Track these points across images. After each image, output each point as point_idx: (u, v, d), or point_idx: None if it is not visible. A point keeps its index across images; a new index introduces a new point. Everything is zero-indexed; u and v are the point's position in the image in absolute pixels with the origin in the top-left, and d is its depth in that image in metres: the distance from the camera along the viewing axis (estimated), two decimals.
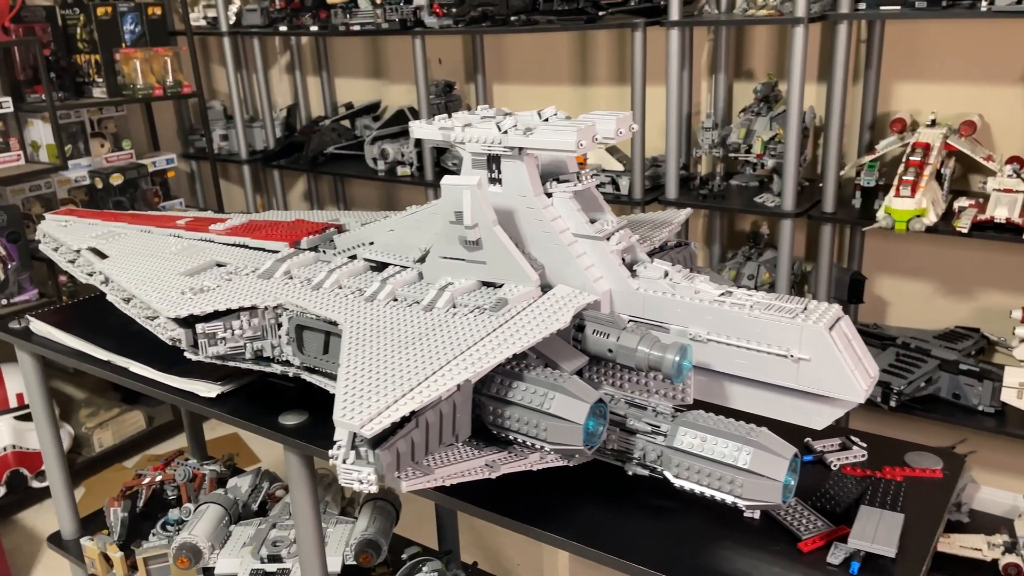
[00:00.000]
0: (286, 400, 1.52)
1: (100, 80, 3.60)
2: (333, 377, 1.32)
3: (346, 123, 4.10)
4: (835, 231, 2.71)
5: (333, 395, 1.44)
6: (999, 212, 2.31)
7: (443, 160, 3.54)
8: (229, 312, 1.31)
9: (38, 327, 1.89)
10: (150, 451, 3.86)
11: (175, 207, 4.01)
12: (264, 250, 1.55)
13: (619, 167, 3.23)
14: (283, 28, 3.70)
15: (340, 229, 1.60)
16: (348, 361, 1.05)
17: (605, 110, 1.21)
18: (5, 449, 3.29)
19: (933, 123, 2.60)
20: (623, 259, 1.18)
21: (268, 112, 4.05)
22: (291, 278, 1.41)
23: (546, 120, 1.24)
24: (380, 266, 1.39)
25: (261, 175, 4.44)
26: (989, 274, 2.78)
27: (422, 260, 1.31)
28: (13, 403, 3.37)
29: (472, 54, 3.66)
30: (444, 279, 1.23)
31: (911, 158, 2.40)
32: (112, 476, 3.63)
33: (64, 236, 1.79)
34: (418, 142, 3.53)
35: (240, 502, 1.96)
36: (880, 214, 2.39)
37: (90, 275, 1.69)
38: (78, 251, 1.69)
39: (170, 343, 1.39)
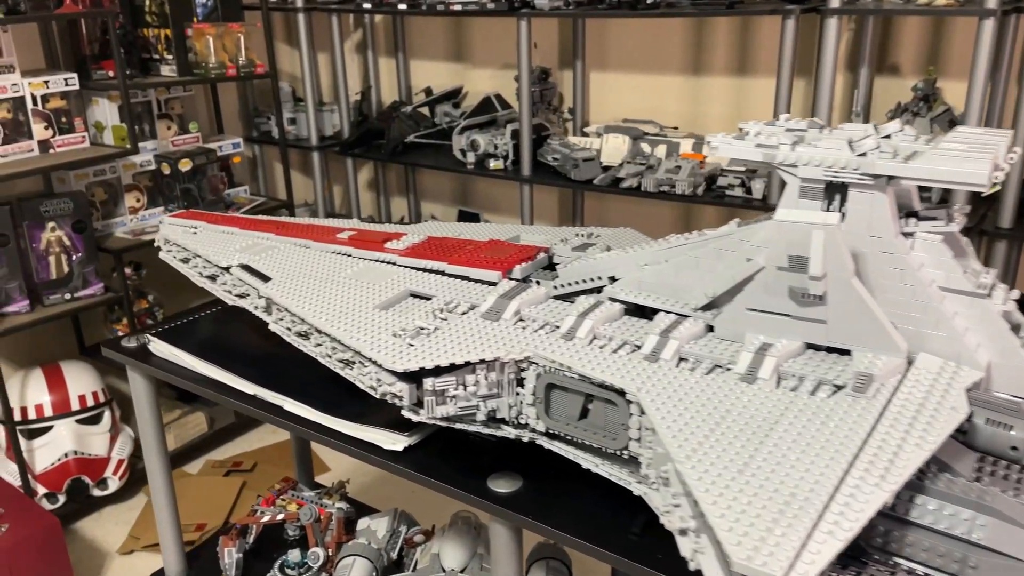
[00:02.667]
0: (487, 458, 1.26)
1: (169, 57, 3.32)
2: (586, 448, 1.07)
3: (423, 110, 3.83)
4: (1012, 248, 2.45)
5: (555, 455, 1.20)
6: None
7: (541, 154, 3.26)
8: (467, 364, 1.05)
9: (159, 348, 1.64)
10: (212, 455, 3.62)
11: (240, 195, 3.75)
12: (468, 279, 1.29)
13: (740, 166, 2.96)
14: (367, 5, 3.41)
15: (549, 254, 1.34)
16: (692, 461, 0.80)
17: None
18: (67, 455, 3.05)
19: None
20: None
21: (344, 96, 3.77)
22: (521, 320, 1.15)
23: (886, 137, 0.97)
24: (635, 309, 1.14)
25: (324, 162, 4.16)
26: None
27: (709, 307, 1.05)
28: (75, 405, 3.13)
29: (572, 38, 3.37)
30: (755, 338, 0.97)
31: None
32: (175, 483, 3.39)
33: (197, 246, 1.53)
34: (515, 133, 3.26)
35: (383, 552, 1.72)
36: None
37: (240, 296, 1.43)
38: (227, 268, 1.43)
39: (379, 397, 1.14)
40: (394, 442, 1.26)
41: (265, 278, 1.36)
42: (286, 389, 1.42)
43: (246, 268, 1.40)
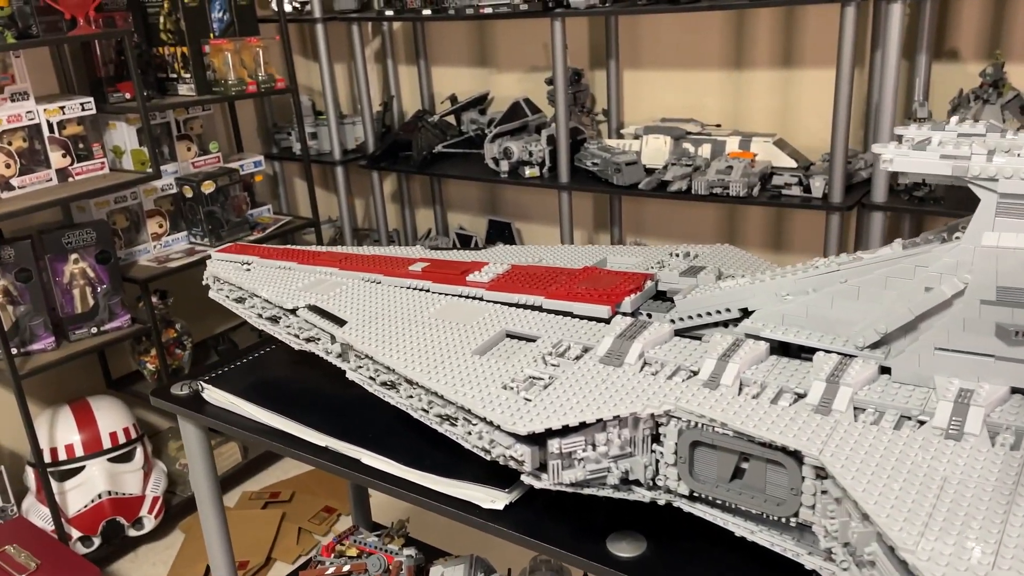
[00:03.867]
0: (600, 514, 1.12)
1: (187, 75, 3.19)
2: (737, 511, 0.93)
3: (448, 118, 3.69)
4: None
5: (677, 511, 1.06)
6: None
7: (579, 159, 3.12)
8: (599, 422, 0.91)
9: (214, 395, 1.50)
10: (247, 485, 3.49)
11: (263, 215, 3.62)
12: (571, 315, 1.14)
13: (791, 163, 2.81)
14: (389, 12, 3.27)
15: (655, 280, 1.19)
16: (926, 552, 0.65)
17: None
18: (100, 496, 2.92)
19: None
20: None
21: (367, 107, 3.63)
22: (647, 364, 1.01)
23: None
24: (777, 347, 0.99)
25: (347, 176, 4.03)
26: None
27: (879, 346, 0.91)
28: (107, 443, 2.99)
29: (604, 37, 3.23)
30: (949, 383, 0.83)
31: None
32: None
33: (255, 285, 1.39)
34: (550, 139, 3.12)
35: None
36: None
37: (308, 340, 1.29)
38: (293, 310, 1.29)
39: (491, 460, 1.00)
40: (493, 500, 1.12)
41: (339, 321, 1.22)
42: (360, 439, 1.28)
43: (315, 309, 1.26)
